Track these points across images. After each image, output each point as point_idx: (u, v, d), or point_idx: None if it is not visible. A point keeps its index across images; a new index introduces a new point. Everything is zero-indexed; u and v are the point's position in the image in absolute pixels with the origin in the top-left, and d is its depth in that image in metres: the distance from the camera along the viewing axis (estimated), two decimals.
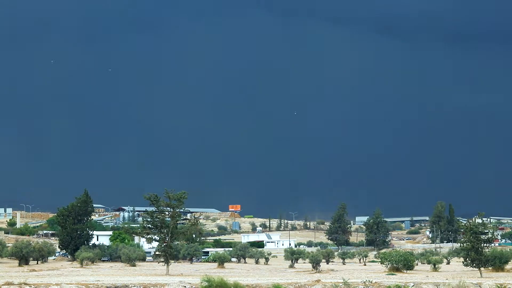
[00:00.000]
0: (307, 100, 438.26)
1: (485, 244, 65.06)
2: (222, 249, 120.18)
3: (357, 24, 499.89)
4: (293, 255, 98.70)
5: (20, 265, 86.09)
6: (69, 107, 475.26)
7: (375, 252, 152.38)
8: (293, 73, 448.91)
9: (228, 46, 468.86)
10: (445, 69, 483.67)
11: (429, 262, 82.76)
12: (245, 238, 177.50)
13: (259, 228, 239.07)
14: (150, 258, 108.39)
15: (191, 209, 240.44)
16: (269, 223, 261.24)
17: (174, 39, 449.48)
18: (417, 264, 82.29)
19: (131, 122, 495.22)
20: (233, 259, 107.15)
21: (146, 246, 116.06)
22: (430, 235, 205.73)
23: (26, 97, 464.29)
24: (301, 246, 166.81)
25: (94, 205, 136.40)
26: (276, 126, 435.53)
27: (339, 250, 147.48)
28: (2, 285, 45.89)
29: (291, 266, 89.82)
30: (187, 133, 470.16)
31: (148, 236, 73.10)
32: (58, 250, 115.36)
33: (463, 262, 67.95)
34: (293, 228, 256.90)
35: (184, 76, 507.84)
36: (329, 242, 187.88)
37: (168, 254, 69.60)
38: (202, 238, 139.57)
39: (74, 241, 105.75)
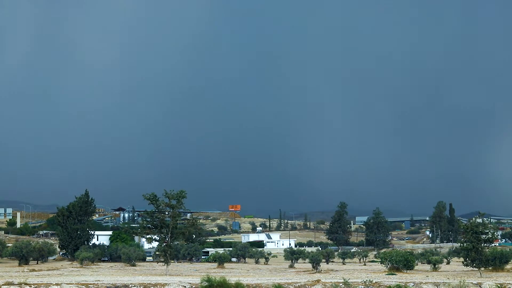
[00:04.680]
0: None
1: (485, 244, 65.03)
2: (222, 249, 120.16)
3: None
4: (293, 255, 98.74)
5: (20, 265, 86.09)
6: (71, 106, 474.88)
7: (375, 252, 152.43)
8: None
9: None
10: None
11: (429, 262, 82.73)
12: (245, 238, 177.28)
13: (259, 228, 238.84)
14: (150, 258, 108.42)
15: (192, 209, 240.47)
16: (269, 223, 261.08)
17: None
18: (417, 264, 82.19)
19: (132, 122, 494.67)
20: (233, 259, 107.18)
21: (146, 246, 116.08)
22: (430, 235, 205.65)
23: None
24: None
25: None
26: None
27: (339, 250, 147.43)
28: (2, 285, 45.87)
29: (291, 266, 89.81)
30: (188, 133, 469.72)
31: (148, 236, 73.10)
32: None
33: (463, 262, 67.94)
34: (293, 228, 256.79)
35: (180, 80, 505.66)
36: (329, 242, 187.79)
37: (168, 254, 69.57)
38: (202, 238, 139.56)
39: (74, 241, 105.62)
